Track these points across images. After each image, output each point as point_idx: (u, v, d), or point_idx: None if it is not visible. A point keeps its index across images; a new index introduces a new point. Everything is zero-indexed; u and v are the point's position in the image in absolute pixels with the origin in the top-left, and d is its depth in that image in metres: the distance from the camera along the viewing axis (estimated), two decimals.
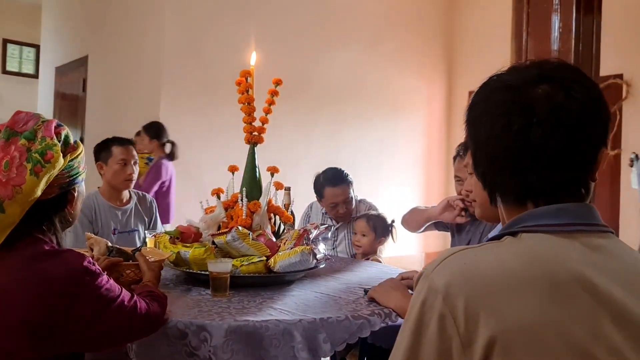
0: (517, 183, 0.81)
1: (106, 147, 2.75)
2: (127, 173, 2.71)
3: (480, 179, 0.88)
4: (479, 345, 0.68)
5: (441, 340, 0.71)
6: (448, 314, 0.71)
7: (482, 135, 0.83)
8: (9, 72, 7.77)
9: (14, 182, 1.18)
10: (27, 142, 1.22)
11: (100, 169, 2.72)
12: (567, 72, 0.81)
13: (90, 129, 5.53)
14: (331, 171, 2.99)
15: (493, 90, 0.83)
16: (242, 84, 2.12)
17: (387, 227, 2.79)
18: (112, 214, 2.73)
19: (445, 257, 0.77)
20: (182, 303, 1.64)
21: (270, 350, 1.43)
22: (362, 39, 5.59)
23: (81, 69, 5.69)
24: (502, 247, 0.78)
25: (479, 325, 0.69)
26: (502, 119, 0.79)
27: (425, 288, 0.75)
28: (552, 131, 0.76)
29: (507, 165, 0.80)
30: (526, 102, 0.78)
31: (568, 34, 2.60)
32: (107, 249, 1.85)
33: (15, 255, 1.20)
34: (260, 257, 1.86)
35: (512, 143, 0.78)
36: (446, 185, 6.27)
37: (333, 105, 5.34)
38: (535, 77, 0.79)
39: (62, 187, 1.28)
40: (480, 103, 0.84)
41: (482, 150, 0.84)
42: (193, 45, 4.53)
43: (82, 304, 1.20)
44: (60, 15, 6.44)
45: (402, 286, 1.77)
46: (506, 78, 0.82)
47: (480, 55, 6.02)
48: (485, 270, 0.73)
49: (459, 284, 0.72)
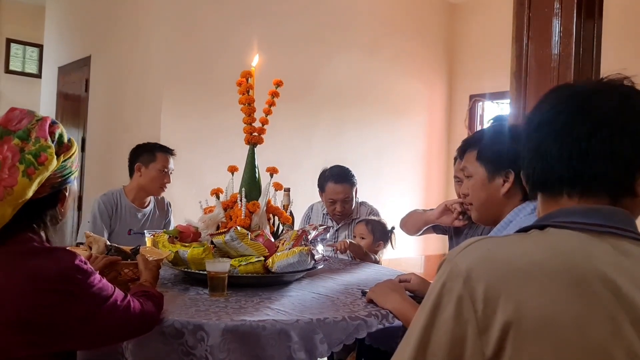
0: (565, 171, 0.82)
1: (150, 152, 2.78)
2: (163, 181, 2.76)
3: (526, 171, 0.88)
4: (494, 331, 0.68)
5: (457, 323, 0.71)
6: (467, 297, 0.71)
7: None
8: (12, 72, 7.78)
9: (5, 183, 1.16)
10: (21, 142, 1.19)
11: (138, 170, 2.74)
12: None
13: (93, 129, 5.54)
14: (337, 168, 3.01)
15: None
16: (243, 84, 2.12)
17: (386, 233, 2.81)
18: (132, 215, 2.76)
19: (470, 243, 0.77)
20: (180, 302, 1.65)
21: (267, 350, 1.43)
22: (363, 43, 5.60)
23: (84, 69, 5.69)
24: (527, 238, 0.78)
25: (497, 310, 0.69)
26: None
27: (447, 271, 0.75)
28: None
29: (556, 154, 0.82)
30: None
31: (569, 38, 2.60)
32: (105, 247, 1.86)
33: (6, 253, 1.19)
34: (258, 257, 1.87)
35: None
36: (446, 189, 6.27)
37: (334, 109, 5.34)
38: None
39: (53, 187, 1.26)
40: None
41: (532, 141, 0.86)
42: (195, 47, 4.54)
43: (74, 302, 1.20)
44: (64, 15, 6.46)
45: (400, 288, 1.77)
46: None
47: (481, 60, 6.03)
48: (509, 258, 0.73)
49: (481, 269, 0.72)
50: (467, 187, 1.72)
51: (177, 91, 4.49)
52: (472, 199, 1.66)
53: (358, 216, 3.01)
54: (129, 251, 1.90)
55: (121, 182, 3.56)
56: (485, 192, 1.54)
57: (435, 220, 2.21)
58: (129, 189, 2.81)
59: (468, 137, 1.83)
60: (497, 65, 5.35)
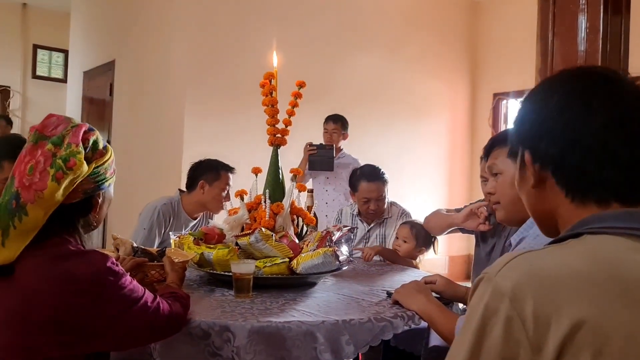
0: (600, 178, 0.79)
1: (215, 170, 2.77)
2: (224, 200, 2.75)
3: (560, 174, 0.82)
4: (549, 350, 0.66)
5: (507, 345, 0.68)
6: (516, 317, 0.68)
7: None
8: (39, 77, 7.94)
9: (36, 186, 1.20)
10: (54, 147, 1.23)
11: (201, 187, 2.74)
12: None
13: (117, 133, 5.62)
14: (368, 167, 3.01)
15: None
16: (266, 86, 2.13)
17: (429, 238, 2.79)
18: (185, 226, 2.79)
19: (509, 260, 0.74)
20: (206, 303, 1.66)
21: (293, 352, 1.44)
22: (385, 42, 5.58)
23: (108, 74, 5.78)
24: (566, 249, 0.75)
25: (550, 328, 0.66)
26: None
27: (488, 291, 0.71)
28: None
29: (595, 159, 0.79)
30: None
31: (595, 34, 2.55)
32: (132, 249, 1.88)
33: (42, 255, 1.23)
34: (283, 259, 1.87)
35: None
36: (469, 190, 6.21)
37: (355, 109, 5.33)
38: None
39: (86, 193, 1.29)
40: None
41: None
42: (217, 49, 4.58)
43: (106, 303, 1.22)
44: (88, 21, 6.57)
45: (426, 289, 1.76)
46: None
47: (504, 58, 5.96)
48: (552, 271, 0.70)
49: (527, 287, 0.69)
50: (492, 186, 1.70)
51: (200, 94, 4.53)
52: (500, 196, 1.64)
53: (389, 216, 3.01)
54: (155, 253, 1.92)
55: (145, 185, 3.61)
56: (515, 189, 1.52)
57: (460, 224, 2.19)
58: (188, 202, 2.79)
59: (496, 135, 1.82)
60: (522, 63, 5.27)
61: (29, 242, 1.21)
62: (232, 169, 2.86)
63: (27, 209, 1.20)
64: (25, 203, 1.20)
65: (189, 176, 2.81)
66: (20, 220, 1.19)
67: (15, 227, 1.19)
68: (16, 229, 1.19)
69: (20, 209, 1.20)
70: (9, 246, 1.20)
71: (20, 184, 1.22)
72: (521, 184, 0.90)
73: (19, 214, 1.19)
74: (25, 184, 1.21)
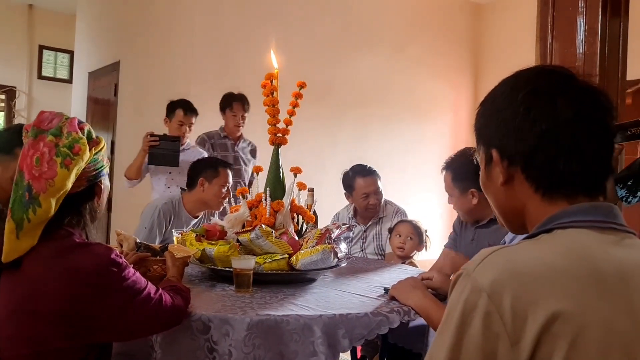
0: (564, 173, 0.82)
1: (213, 167, 2.77)
2: (225, 196, 2.75)
3: (529, 170, 0.84)
4: (527, 341, 0.68)
5: (486, 339, 0.70)
6: (494, 312, 0.70)
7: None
8: (45, 77, 8.00)
9: (46, 175, 1.24)
10: (55, 138, 1.27)
11: (201, 185, 2.75)
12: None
13: (122, 133, 5.67)
14: (359, 165, 3.07)
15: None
16: (267, 86, 2.16)
17: (422, 235, 2.84)
18: (187, 224, 2.81)
19: (485, 256, 0.76)
20: (207, 298, 1.69)
21: (290, 345, 1.46)
22: (388, 43, 5.61)
23: (113, 74, 5.83)
24: (539, 244, 0.78)
25: (527, 320, 0.69)
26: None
27: (467, 287, 0.73)
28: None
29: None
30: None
31: (594, 37, 2.57)
32: (135, 245, 1.91)
33: (48, 247, 1.26)
34: (282, 255, 1.90)
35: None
36: None
37: (358, 109, 5.36)
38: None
39: (89, 180, 1.33)
40: None
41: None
42: (221, 51, 4.62)
43: (110, 295, 1.25)
44: (94, 22, 6.62)
45: (422, 285, 1.79)
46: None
47: (506, 59, 5.97)
48: (528, 266, 0.73)
49: (504, 281, 0.71)
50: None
51: (203, 94, 4.56)
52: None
53: (385, 215, 3.03)
54: (157, 248, 1.96)
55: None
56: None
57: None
58: (188, 200, 2.81)
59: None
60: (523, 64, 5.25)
61: (40, 234, 1.25)
62: (230, 164, 2.88)
63: (40, 200, 1.23)
64: (38, 193, 1.23)
65: (189, 175, 2.84)
66: (34, 213, 1.23)
67: (30, 221, 1.23)
68: (30, 222, 1.23)
69: (33, 200, 1.23)
70: (23, 239, 1.23)
71: (30, 175, 1.25)
72: (487, 183, 0.91)
73: (33, 206, 1.23)
74: (35, 175, 1.25)
